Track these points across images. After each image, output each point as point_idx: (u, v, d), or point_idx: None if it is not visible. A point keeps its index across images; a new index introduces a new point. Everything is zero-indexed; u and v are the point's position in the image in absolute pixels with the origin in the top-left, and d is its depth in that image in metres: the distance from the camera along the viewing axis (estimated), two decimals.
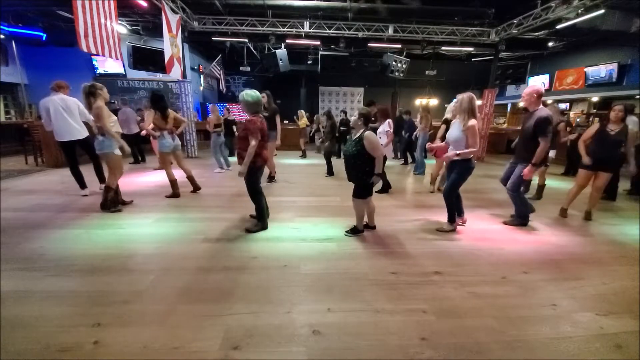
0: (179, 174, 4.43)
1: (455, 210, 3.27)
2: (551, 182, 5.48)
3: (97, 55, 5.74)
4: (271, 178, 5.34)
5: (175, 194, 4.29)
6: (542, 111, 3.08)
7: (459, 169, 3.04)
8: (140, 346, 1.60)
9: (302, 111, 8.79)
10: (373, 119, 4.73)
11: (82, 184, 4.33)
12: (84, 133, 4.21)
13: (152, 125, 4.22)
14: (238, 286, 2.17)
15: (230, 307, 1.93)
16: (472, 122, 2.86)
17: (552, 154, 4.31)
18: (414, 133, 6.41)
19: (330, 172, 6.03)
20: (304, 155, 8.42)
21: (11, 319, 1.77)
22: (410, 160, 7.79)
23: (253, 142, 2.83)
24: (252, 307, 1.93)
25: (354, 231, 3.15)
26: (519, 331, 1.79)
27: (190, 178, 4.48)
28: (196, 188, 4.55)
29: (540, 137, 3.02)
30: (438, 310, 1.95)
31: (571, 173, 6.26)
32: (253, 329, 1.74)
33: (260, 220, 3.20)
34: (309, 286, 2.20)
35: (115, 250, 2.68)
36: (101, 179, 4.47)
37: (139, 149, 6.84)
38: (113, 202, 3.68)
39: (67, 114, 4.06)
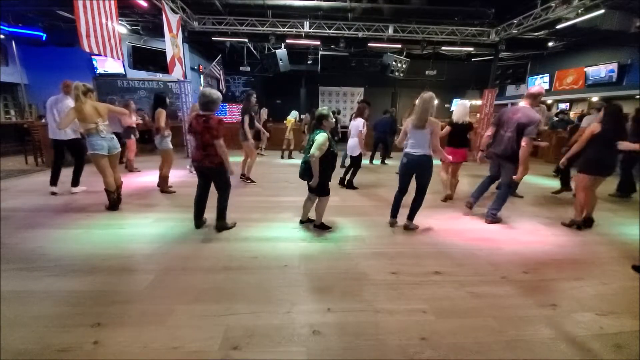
0: (178, 173, 4.44)
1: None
2: (552, 183, 5.48)
3: (99, 55, 5.75)
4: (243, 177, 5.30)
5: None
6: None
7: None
8: (140, 346, 1.60)
9: (294, 112, 8.65)
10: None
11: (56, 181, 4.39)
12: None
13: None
14: (238, 286, 2.17)
15: (230, 307, 1.93)
16: (408, 119, 3.03)
17: None
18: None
19: None
20: (282, 156, 8.26)
21: (11, 319, 1.77)
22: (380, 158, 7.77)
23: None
24: (252, 307, 1.93)
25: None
26: (518, 331, 1.79)
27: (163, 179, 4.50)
28: (164, 191, 4.46)
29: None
30: (438, 310, 1.96)
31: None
32: (253, 329, 1.74)
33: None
34: (309, 286, 2.20)
35: (115, 250, 2.68)
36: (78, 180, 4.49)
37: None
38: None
39: None
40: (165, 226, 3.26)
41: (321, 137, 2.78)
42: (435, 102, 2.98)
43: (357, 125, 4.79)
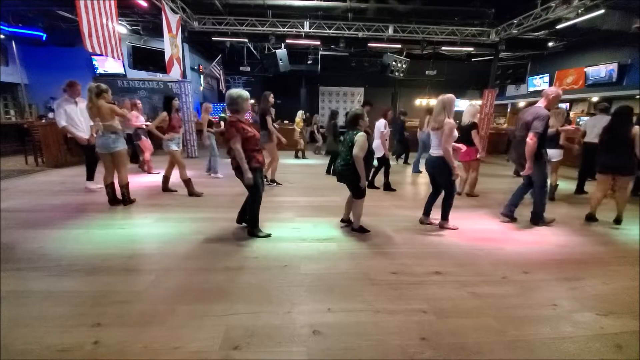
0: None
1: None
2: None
3: (101, 55, 5.75)
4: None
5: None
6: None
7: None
8: (141, 346, 1.60)
9: (300, 112, 8.70)
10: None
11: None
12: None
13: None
14: (238, 286, 2.17)
15: (231, 307, 1.93)
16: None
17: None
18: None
19: (328, 170, 6.04)
20: (296, 156, 8.37)
21: (11, 319, 1.77)
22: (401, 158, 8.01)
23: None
24: (253, 307, 1.93)
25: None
26: (519, 331, 1.79)
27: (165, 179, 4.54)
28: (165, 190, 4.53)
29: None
30: (438, 310, 1.95)
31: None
32: (253, 329, 1.74)
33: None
34: (309, 286, 2.20)
35: (116, 250, 2.68)
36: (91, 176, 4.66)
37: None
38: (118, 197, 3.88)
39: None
40: (166, 226, 3.26)
41: (362, 137, 2.81)
42: (453, 103, 3.01)
43: (379, 126, 4.78)
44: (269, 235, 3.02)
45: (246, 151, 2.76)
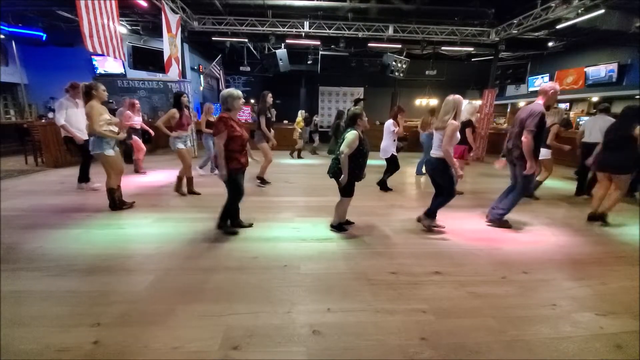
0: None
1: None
2: (554, 184, 5.47)
3: (102, 55, 5.74)
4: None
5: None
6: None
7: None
8: (140, 346, 1.60)
9: (301, 111, 8.68)
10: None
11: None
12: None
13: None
14: (238, 286, 2.17)
15: (230, 307, 1.93)
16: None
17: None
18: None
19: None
20: (291, 155, 8.32)
21: (11, 319, 1.77)
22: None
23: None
24: (252, 307, 1.93)
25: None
26: (518, 331, 1.79)
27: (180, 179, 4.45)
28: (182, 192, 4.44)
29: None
30: (438, 310, 1.96)
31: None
32: (253, 329, 1.74)
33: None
34: (308, 286, 2.20)
35: (115, 250, 2.68)
36: (83, 177, 4.60)
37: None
38: (120, 201, 3.76)
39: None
40: (165, 226, 3.26)
41: (351, 135, 2.78)
42: (462, 105, 2.97)
43: (388, 126, 4.74)
44: (236, 233, 3.07)
45: (229, 150, 2.77)
